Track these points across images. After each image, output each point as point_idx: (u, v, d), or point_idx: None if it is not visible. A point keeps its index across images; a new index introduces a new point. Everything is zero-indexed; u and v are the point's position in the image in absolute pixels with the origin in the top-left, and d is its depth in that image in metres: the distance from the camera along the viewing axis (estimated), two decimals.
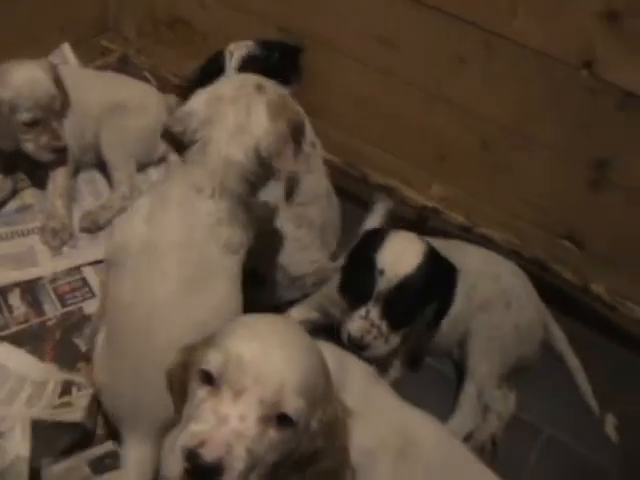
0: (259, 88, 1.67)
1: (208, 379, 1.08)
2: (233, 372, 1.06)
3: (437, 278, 1.79)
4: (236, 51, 2.21)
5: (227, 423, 1.04)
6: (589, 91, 1.94)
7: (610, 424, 2.03)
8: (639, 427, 2.02)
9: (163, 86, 2.61)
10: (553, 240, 2.19)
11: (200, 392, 1.09)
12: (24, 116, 2.04)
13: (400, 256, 1.77)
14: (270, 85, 1.71)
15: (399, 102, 2.25)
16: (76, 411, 1.69)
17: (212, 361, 1.08)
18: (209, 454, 1.01)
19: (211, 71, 2.21)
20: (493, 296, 2.01)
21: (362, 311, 1.75)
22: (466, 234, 2.29)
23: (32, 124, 2.06)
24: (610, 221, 2.08)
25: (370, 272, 1.75)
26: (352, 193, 2.35)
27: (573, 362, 2.11)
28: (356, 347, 1.74)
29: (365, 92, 2.29)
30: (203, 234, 1.63)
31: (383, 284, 1.73)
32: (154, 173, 2.41)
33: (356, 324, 1.75)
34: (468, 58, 2.07)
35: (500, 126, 2.12)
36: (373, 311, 1.74)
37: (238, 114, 1.63)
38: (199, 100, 1.68)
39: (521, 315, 2.02)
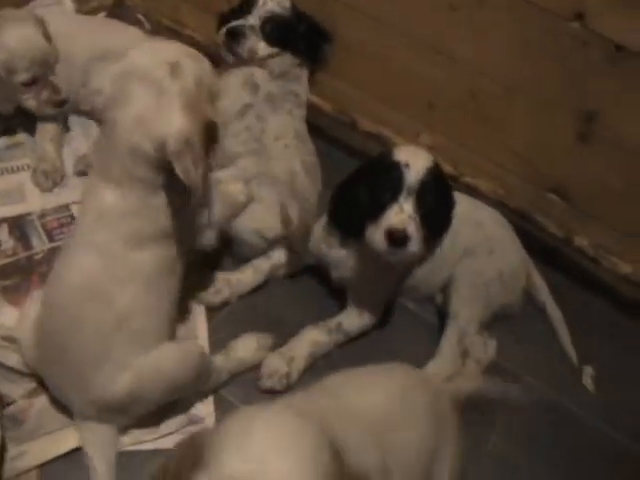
0: (175, 69, 1.52)
1: None
2: None
3: (446, 184, 1.82)
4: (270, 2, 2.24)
5: None
6: (580, 43, 1.93)
7: (588, 375, 2.06)
8: (617, 379, 2.06)
9: (157, 30, 2.60)
10: (539, 192, 2.20)
11: None
12: (22, 77, 2.03)
13: (417, 153, 1.78)
14: (189, 65, 1.55)
15: (389, 49, 2.24)
16: None
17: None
18: None
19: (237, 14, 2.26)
20: (476, 243, 2.03)
21: (394, 208, 1.70)
22: (453, 183, 2.27)
23: (31, 83, 2.05)
24: (597, 175, 2.09)
25: (396, 168, 1.72)
26: (341, 140, 2.36)
27: (554, 312, 2.14)
28: (398, 242, 1.68)
29: (355, 38, 2.29)
30: (106, 228, 1.56)
31: (411, 177, 1.71)
32: None
33: (395, 216, 1.70)
34: (459, 6, 2.06)
35: (489, 76, 2.12)
36: (406, 205, 1.70)
37: (146, 98, 1.50)
38: (105, 76, 1.59)
39: (504, 262, 2.05)
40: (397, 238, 1.68)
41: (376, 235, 1.71)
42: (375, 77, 2.32)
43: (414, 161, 1.73)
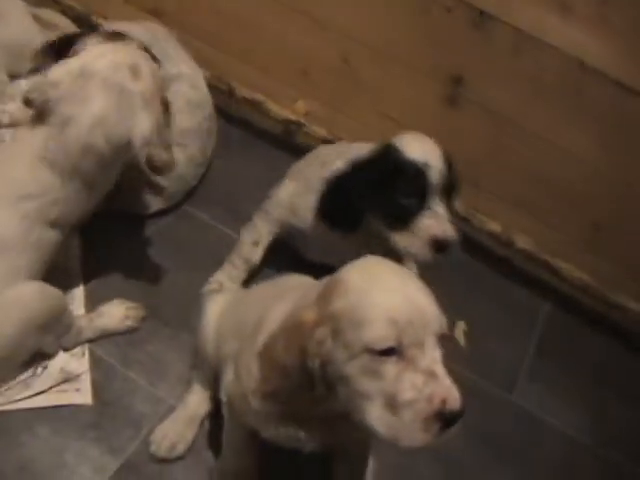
0: (135, 72, 1.59)
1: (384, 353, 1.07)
2: (407, 334, 1.07)
3: (453, 162, 1.74)
4: None
5: (436, 376, 1.08)
6: (445, 9, 2.01)
7: (461, 330, 2.15)
8: (487, 333, 2.15)
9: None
10: None
11: (388, 367, 1.08)
12: None
13: (425, 145, 1.71)
14: (145, 65, 1.63)
15: (262, 16, 2.26)
16: None
17: (383, 336, 1.06)
18: (456, 404, 1.07)
19: None
20: None
21: (427, 213, 1.64)
22: None
23: None
24: (466, 138, 2.16)
25: (415, 168, 1.65)
26: (219, 107, 2.34)
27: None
28: (443, 249, 1.64)
29: (229, 6, 2.29)
30: (25, 206, 1.57)
31: (434, 175, 1.64)
32: (25, 84, 2.30)
33: (435, 224, 1.64)
34: None
35: (360, 42, 2.17)
36: (439, 208, 1.65)
37: (108, 100, 1.55)
38: (64, 71, 1.58)
39: None
40: (443, 247, 1.64)
41: (415, 245, 1.65)
42: (250, 44, 2.34)
43: (430, 156, 1.66)
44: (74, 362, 1.73)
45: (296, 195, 1.93)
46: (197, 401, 1.70)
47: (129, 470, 1.61)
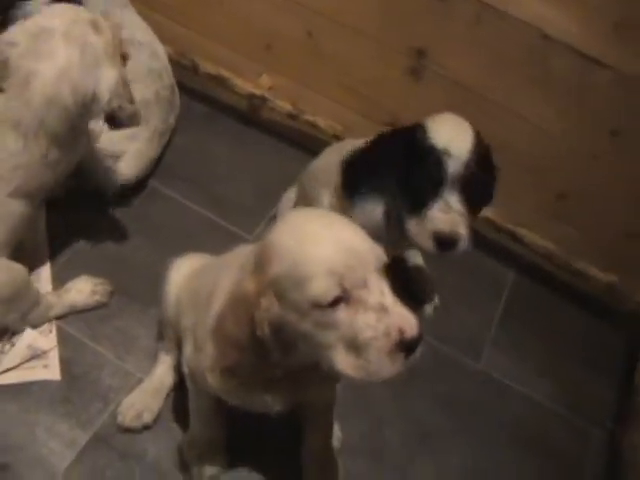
0: (95, 27, 1.60)
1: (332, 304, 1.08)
2: (348, 278, 1.08)
3: (488, 154, 1.64)
4: None
5: (387, 309, 1.09)
6: None
7: (432, 305, 2.16)
8: (454, 303, 2.18)
9: None
10: (375, 127, 2.19)
11: (340, 315, 1.09)
12: None
13: (454, 131, 1.59)
14: (104, 22, 1.64)
15: None
16: None
17: (327, 289, 1.07)
18: (413, 330, 1.10)
19: None
20: None
21: (439, 203, 1.55)
22: (293, 121, 2.36)
23: None
24: (430, 110, 2.14)
25: (434, 156, 1.55)
26: (183, 83, 2.35)
27: None
28: (448, 246, 1.56)
29: None
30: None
31: (453, 166, 1.54)
32: None
33: (442, 217, 1.55)
34: None
35: (323, 15, 2.16)
36: (452, 199, 1.54)
37: (72, 53, 1.55)
38: (21, 30, 1.58)
39: None
40: (447, 243, 1.56)
41: (421, 234, 1.58)
42: (213, 19, 2.32)
43: (455, 143, 1.55)
44: (42, 339, 1.75)
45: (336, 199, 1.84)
46: (163, 372, 1.72)
47: (99, 443, 1.64)
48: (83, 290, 1.83)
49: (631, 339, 2.28)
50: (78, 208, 2.01)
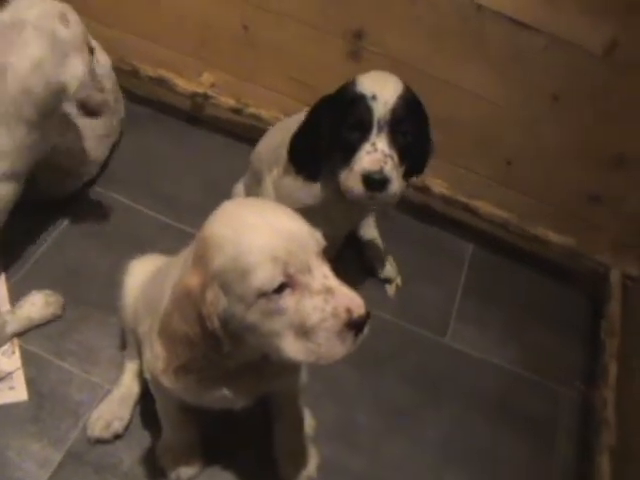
0: (64, 19, 1.64)
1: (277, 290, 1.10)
2: (291, 264, 1.09)
3: (418, 105, 1.67)
4: None
5: (333, 290, 1.11)
6: None
7: (394, 284, 2.18)
8: (416, 280, 2.20)
9: None
10: None
11: (286, 301, 1.10)
12: None
13: (382, 80, 1.64)
14: (72, 14, 1.68)
15: None
16: None
17: (270, 277, 1.08)
18: (360, 309, 1.12)
19: None
20: None
21: (366, 146, 1.58)
22: (237, 116, 2.35)
23: None
24: None
25: (362, 102, 1.58)
26: (125, 88, 2.32)
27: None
28: (376, 185, 1.57)
29: None
30: None
31: (380, 109, 1.57)
32: None
33: (368, 158, 1.57)
34: None
35: (257, 6, 2.16)
36: (379, 142, 1.57)
37: (43, 46, 1.60)
38: None
39: None
40: (374, 181, 1.57)
41: (350, 180, 1.61)
42: (148, 20, 2.31)
43: (381, 90, 1.59)
44: (4, 360, 1.73)
45: (280, 179, 1.86)
46: (130, 380, 1.70)
47: (73, 459, 1.62)
48: (36, 303, 1.81)
49: (593, 298, 2.32)
50: (27, 221, 1.97)
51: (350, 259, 2.17)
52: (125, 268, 1.68)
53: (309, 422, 1.72)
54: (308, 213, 1.81)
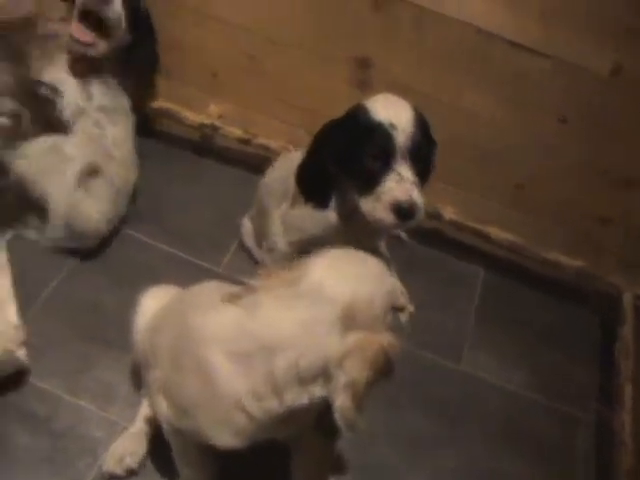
0: None
1: None
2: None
3: (428, 128, 1.68)
4: None
5: None
6: None
7: (407, 312, 2.15)
8: (429, 307, 2.18)
9: None
10: None
11: None
12: None
13: (395, 106, 1.64)
14: None
15: (163, 21, 2.23)
16: None
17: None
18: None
19: None
20: None
21: (392, 175, 1.58)
22: (246, 146, 2.36)
23: None
24: None
25: (381, 130, 1.58)
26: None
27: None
28: (407, 213, 1.58)
29: None
30: None
31: (400, 137, 1.57)
32: None
33: (397, 188, 1.57)
34: None
35: (263, 36, 2.18)
36: (403, 170, 1.58)
37: None
38: None
39: None
40: (405, 210, 1.58)
41: (378, 210, 1.60)
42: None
43: (397, 117, 1.59)
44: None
45: (288, 211, 1.88)
46: (145, 416, 1.68)
47: None
48: None
49: (606, 320, 2.31)
50: (39, 255, 2.00)
51: None
52: (137, 303, 1.68)
53: (329, 455, 1.70)
54: (316, 246, 1.86)
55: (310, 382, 1.22)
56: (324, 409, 1.24)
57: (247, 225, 2.14)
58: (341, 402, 1.20)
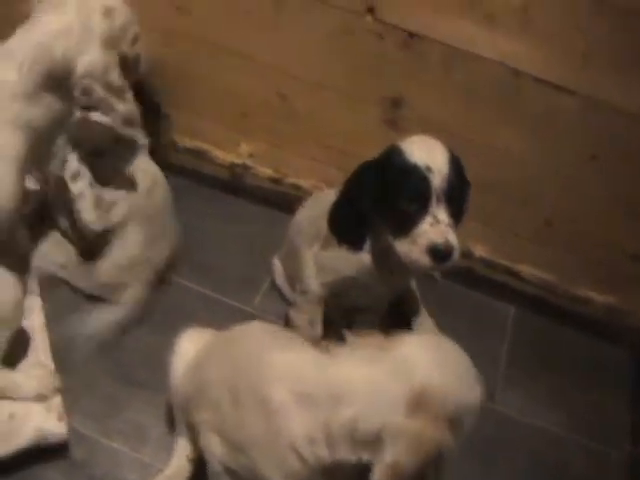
0: (108, 13, 1.81)
1: None
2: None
3: (463, 169, 1.70)
4: None
5: None
6: (376, 36, 2.03)
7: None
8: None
9: None
10: None
11: None
12: None
13: (430, 148, 1.65)
14: (122, 13, 1.86)
15: (194, 61, 2.25)
16: None
17: None
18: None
19: None
20: None
21: (428, 218, 1.59)
22: (277, 185, 2.37)
23: None
24: None
25: (418, 173, 1.59)
26: (162, 160, 2.30)
27: None
28: (443, 255, 1.58)
29: (166, 55, 2.25)
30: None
31: (437, 180, 1.58)
32: None
33: (433, 230, 1.58)
34: (253, 10, 2.11)
35: (294, 76, 2.18)
36: (440, 213, 1.59)
37: (75, 20, 1.75)
38: None
39: None
40: (441, 252, 1.58)
41: (414, 252, 1.60)
42: (184, 91, 2.33)
43: (433, 160, 1.60)
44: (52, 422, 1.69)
45: (320, 252, 1.89)
46: (179, 459, 1.68)
47: None
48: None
49: (638, 355, 2.29)
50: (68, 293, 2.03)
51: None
52: (172, 345, 1.68)
53: None
54: (350, 287, 1.87)
55: (360, 445, 1.23)
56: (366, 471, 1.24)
57: (277, 265, 2.14)
58: (378, 478, 1.21)
